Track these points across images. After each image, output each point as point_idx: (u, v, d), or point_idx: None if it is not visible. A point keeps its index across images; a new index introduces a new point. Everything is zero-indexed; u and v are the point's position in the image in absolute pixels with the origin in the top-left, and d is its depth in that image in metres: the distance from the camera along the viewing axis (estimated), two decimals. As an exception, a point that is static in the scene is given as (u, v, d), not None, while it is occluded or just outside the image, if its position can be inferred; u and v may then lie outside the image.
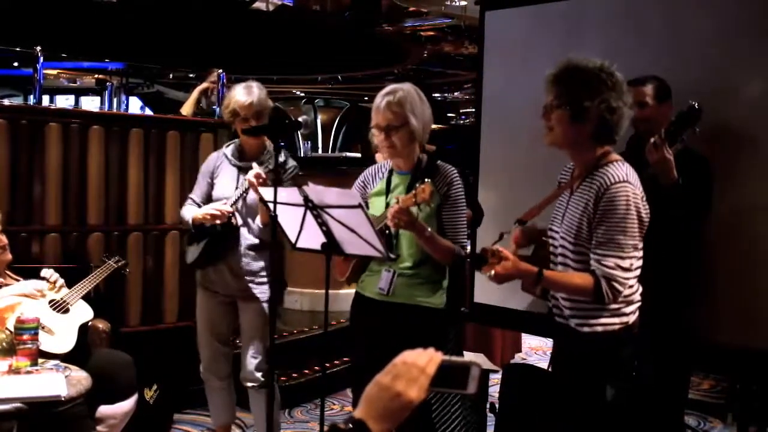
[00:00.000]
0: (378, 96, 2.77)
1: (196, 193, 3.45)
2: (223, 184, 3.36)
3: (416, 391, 1.23)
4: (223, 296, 3.41)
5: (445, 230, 2.75)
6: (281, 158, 3.30)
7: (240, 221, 3.31)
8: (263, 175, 3.06)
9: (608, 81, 2.29)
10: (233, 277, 3.34)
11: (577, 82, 2.30)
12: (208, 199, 3.39)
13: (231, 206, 3.24)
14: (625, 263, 2.26)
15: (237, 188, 3.28)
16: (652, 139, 2.83)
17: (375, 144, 3.53)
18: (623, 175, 2.28)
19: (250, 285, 3.33)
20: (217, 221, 3.24)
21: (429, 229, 2.63)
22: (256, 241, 3.32)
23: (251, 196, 3.23)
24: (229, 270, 3.34)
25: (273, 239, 2.78)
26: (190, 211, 3.36)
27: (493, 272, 2.26)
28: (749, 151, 3.04)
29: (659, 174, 2.82)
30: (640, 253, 2.35)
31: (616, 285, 2.25)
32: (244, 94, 3.27)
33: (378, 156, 3.67)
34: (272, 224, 2.72)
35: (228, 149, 3.43)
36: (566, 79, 2.33)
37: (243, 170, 3.28)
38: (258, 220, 3.29)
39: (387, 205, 2.77)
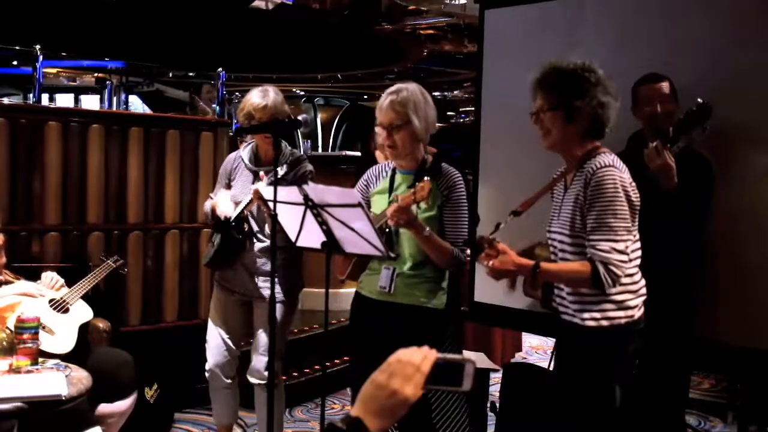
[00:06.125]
0: (383, 95, 2.78)
1: (216, 191, 3.50)
2: (238, 187, 3.39)
3: (411, 388, 1.24)
4: (240, 295, 3.42)
5: (445, 232, 2.75)
6: (290, 156, 3.33)
7: (254, 226, 3.34)
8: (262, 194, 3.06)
9: (591, 78, 2.35)
10: (250, 277, 3.37)
11: (564, 84, 2.36)
12: None
13: (234, 217, 3.25)
14: (619, 246, 2.28)
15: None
16: (652, 144, 2.82)
17: (377, 143, 3.54)
18: (609, 161, 2.34)
19: (266, 284, 3.32)
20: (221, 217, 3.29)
21: (428, 229, 2.64)
22: (269, 243, 3.32)
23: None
24: (245, 270, 3.37)
25: (273, 239, 2.78)
26: (210, 204, 3.43)
27: (491, 264, 2.28)
28: (749, 151, 3.04)
29: (660, 179, 2.81)
30: (636, 238, 2.37)
31: (613, 269, 2.27)
32: (260, 96, 3.28)
33: (378, 154, 3.66)
34: (273, 223, 2.72)
35: (245, 152, 3.43)
36: (552, 82, 2.39)
37: (257, 175, 3.29)
38: (267, 227, 3.30)
39: (389, 203, 2.77)
